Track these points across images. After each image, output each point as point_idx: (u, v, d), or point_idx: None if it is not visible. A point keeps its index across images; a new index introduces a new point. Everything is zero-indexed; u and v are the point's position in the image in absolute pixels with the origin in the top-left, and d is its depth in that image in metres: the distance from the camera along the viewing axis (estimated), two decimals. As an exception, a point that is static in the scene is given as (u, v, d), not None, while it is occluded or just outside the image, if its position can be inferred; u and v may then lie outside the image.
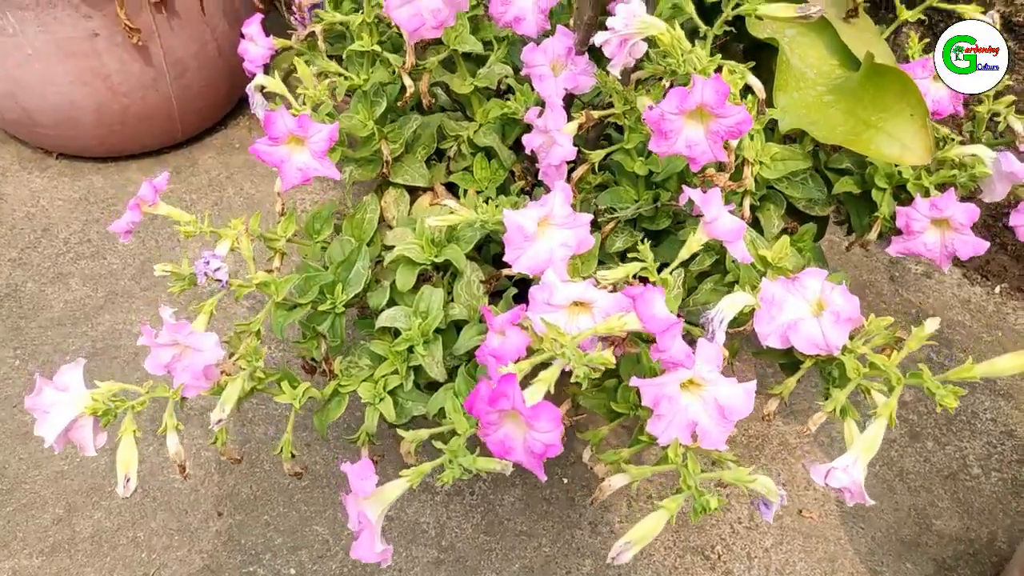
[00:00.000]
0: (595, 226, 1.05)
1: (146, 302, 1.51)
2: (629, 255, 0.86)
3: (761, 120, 0.91)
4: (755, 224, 1.06)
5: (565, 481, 1.30)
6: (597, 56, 0.98)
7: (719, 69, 0.87)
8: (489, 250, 1.09)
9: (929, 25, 1.50)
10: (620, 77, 0.90)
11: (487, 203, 0.92)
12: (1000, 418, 1.45)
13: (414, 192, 1.12)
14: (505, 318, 0.82)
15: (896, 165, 1.04)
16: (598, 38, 0.87)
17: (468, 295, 0.98)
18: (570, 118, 0.97)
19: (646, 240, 1.06)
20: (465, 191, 1.11)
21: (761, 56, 1.22)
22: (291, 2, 1.11)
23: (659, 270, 1.07)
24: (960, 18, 1.05)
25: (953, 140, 1.06)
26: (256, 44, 1.19)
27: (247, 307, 1.51)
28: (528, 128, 1.01)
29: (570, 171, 1.03)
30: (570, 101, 1.08)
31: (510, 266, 0.83)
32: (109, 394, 0.83)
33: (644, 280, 0.83)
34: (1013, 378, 1.52)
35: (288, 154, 0.87)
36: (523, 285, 0.98)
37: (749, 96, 0.88)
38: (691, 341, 0.91)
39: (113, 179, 1.73)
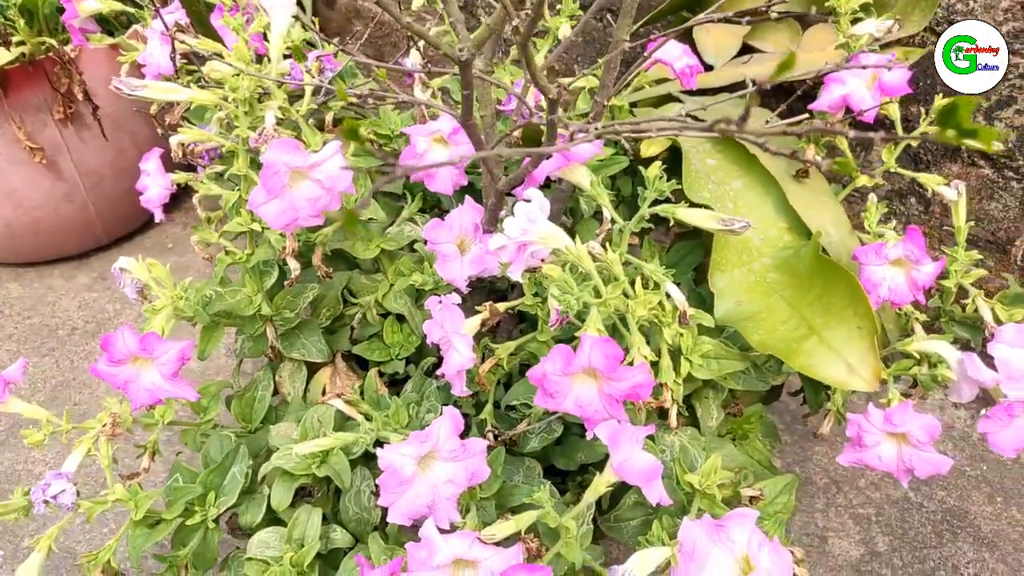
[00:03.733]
0: (510, 424, 0.93)
1: (53, 436, 1.39)
2: (527, 499, 0.74)
3: (689, 329, 0.79)
4: (690, 411, 0.94)
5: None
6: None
7: (633, 282, 0.75)
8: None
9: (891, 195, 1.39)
10: (521, 280, 0.78)
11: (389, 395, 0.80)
12: (984, 573, 1.32)
13: (315, 363, 1.00)
14: (377, 577, 0.71)
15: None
16: (492, 243, 0.75)
17: (358, 508, 0.86)
18: (475, 310, 0.85)
19: (561, 439, 0.95)
20: (372, 364, 0.99)
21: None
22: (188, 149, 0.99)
23: (581, 470, 0.95)
24: (920, 186, 0.94)
25: (916, 319, 0.94)
26: (155, 183, 1.08)
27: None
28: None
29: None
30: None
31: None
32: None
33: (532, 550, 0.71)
34: (999, 523, 1.39)
35: (135, 373, 0.75)
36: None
37: (670, 305, 0.76)
38: None
39: (32, 287, 1.62)
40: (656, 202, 0.81)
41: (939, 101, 0.89)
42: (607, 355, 0.60)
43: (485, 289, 1.07)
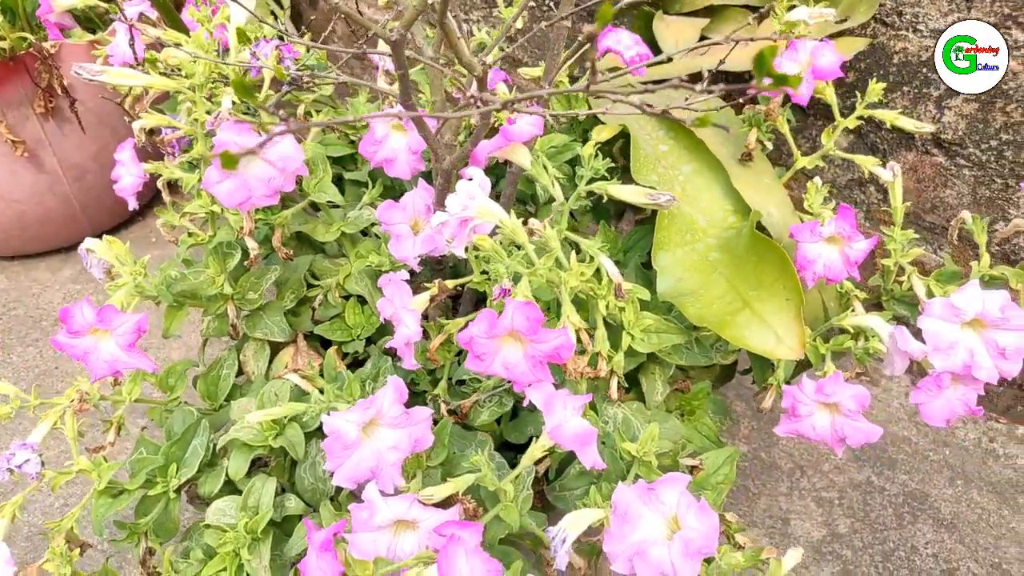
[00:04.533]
0: (463, 396, 0.97)
1: (34, 423, 1.43)
2: (465, 464, 0.77)
3: (628, 301, 0.82)
4: (638, 388, 0.97)
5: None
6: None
7: (577, 248, 0.79)
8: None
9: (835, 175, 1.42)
10: (467, 256, 0.82)
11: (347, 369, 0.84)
12: (942, 553, 1.35)
13: (278, 344, 1.04)
14: (321, 539, 0.74)
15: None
16: (434, 219, 0.78)
17: (312, 478, 0.89)
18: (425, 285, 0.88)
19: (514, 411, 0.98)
20: (332, 343, 1.03)
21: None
22: (158, 139, 1.03)
23: (529, 442, 0.99)
24: (861, 172, 0.97)
25: (857, 297, 0.97)
26: (128, 172, 1.12)
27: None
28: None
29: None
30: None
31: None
32: None
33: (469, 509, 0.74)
34: (958, 505, 1.41)
35: (94, 345, 0.79)
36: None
37: (604, 280, 0.79)
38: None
39: (18, 280, 1.66)
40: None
41: (873, 85, 0.92)
42: (528, 317, 0.63)
43: (447, 273, 1.10)
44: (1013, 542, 1.35)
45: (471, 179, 0.80)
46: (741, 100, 0.97)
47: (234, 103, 0.86)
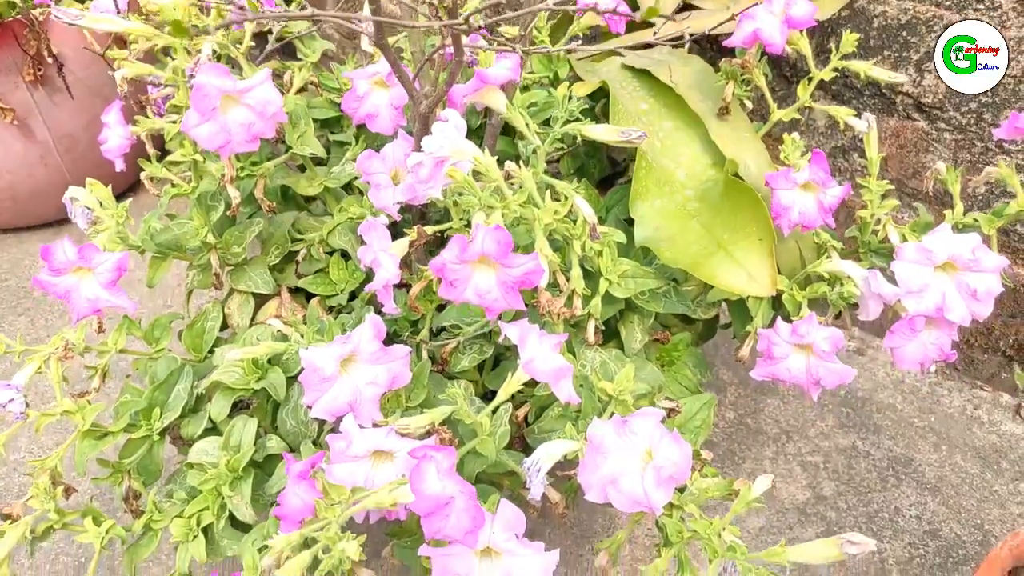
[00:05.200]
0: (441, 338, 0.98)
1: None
2: (440, 396, 0.78)
3: (605, 242, 0.84)
4: (618, 337, 0.98)
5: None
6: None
7: (551, 187, 0.80)
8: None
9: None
10: (441, 197, 0.83)
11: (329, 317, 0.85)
12: (925, 515, 1.35)
13: (263, 296, 1.05)
14: (299, 468, 0.75)
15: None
16: (410, 160, 0.80)
17: (295, 421, 0.90)
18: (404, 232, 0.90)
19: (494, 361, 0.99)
20: (315, 296, 1.04)
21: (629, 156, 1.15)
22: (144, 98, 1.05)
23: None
24: (844, 140, 0.98)
25: (834, 248, 0.98)
26: (114, 134, 1.13)
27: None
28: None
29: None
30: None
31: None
32: None
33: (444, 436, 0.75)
34: (942, 469, 1.42)
35: (76, 284, 0.80)
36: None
37: (580, 220, 0.81)
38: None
39: (11, 252, 1.67)
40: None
41: (847, 36, 0.93)
42: (499, 241, 0.64)
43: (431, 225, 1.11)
44: (995, 504, 1.36)
45: (447, 120, 0.81)
46: (704, 40, 0.98)
47: (214, 51, 0.87)
